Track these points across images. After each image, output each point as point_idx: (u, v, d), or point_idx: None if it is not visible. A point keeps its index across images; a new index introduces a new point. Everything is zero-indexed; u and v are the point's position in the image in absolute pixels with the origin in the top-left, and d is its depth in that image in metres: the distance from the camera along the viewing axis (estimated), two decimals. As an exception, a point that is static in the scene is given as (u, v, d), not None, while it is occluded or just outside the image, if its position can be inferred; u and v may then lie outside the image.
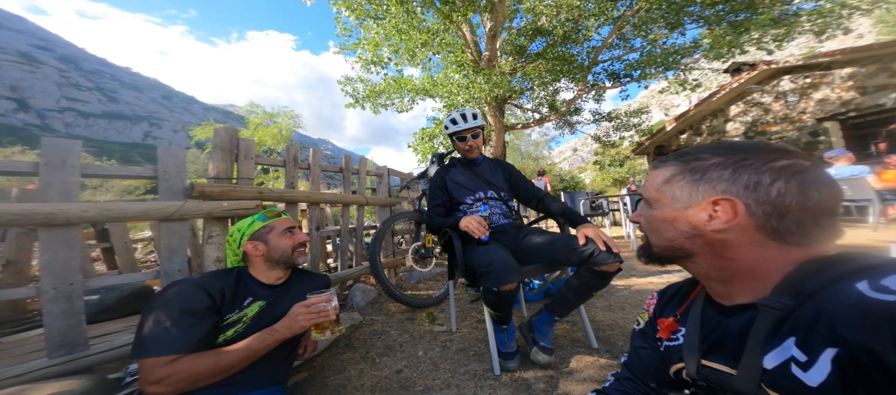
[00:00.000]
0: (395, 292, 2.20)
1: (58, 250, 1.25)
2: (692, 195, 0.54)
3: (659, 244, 0.59)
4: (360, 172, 3.02)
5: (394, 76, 7.45)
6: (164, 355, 0.85)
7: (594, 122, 10.08)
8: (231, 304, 1.03)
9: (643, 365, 0.71)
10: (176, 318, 0.91)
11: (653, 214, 0.59)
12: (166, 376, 0.84)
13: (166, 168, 1.56)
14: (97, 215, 1.35)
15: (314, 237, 2.43)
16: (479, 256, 1.38)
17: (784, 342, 0.44)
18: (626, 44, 7.23)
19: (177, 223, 1.54)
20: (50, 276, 1.23)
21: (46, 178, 1.27)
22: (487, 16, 5.78)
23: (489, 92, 5.64)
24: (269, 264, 1.16)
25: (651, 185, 0.60)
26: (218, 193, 1.65)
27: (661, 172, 0.59)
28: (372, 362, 1.61)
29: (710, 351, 0.55)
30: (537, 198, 1.80)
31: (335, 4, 5.30)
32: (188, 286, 0.99)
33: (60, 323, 1.24)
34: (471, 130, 1.77)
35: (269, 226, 1.16)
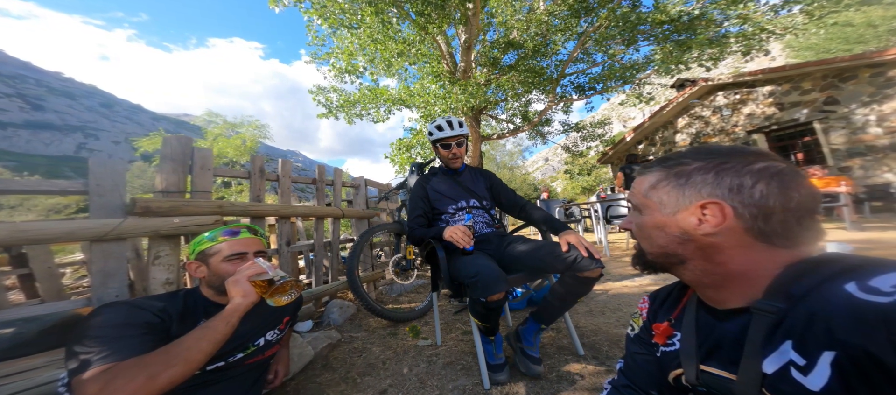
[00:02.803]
0: (376, 307, 2.11)
1: None
2: (679, 200, 0.54)
3: (652, 251, 0.58)
4: (335, 184, 2.90)
5: (369, 86, 7.36)
6: (102, 365, 0.69)
7: (563, 132, 10.56)
8: (181, 328, 0.90)
9: (642, 371, 0.70)
10: (109, 333, 0.75)
11: (643, 220, 0.59)
12: (110, 379, 0.66)
13: (100, 182, 1.35)
14: (8, 238, 1.13)
15: (285, 253, 2.28)
16: (464, 266, 1.35)
17: (781, 346, 0.44)
18: (589, 58, 7.70)
19: (114, 243, 1.34)
20: None
21: None
22: (462, 28, 5.91)
23: (465, 102, 5.72)
24: (214, 290, 1.02)
25: (638, 191, 0.60)
26: (167, 208, 1.47)
27: (647, 178, 0.59)
28: (353, 383, 1.51)
29: (707, 356, 0.55)
30: (519, 206, 1.81)
31: (306, 12, 5.16)
32: (120, 306, 0.85)
33: None
34: (456, 138, 1.76)
35: (214, 248, 1.01)
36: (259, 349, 1.06)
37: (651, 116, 10.13)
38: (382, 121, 7.91)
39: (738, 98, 8.22)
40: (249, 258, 1.02)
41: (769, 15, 5.91)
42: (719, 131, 8.65)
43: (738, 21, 5.83)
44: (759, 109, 7.83)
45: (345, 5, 5.01)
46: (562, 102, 8.70)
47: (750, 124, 7.99)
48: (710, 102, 8.82)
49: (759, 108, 7.82)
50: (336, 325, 2.22)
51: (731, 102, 8.39)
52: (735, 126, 8.30)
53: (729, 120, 8.43)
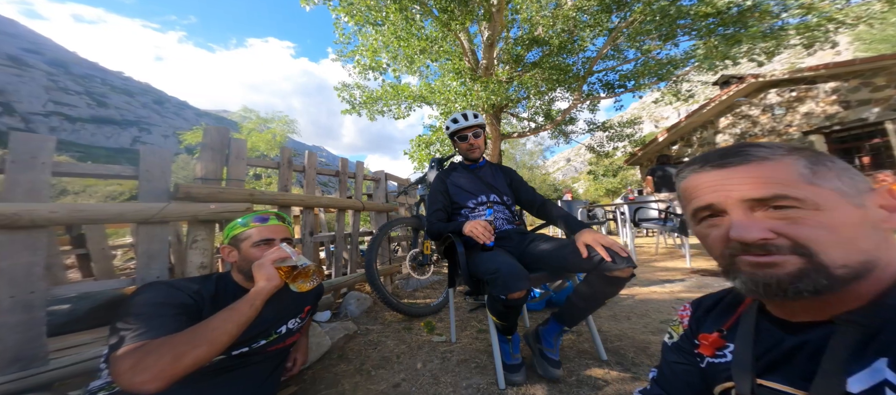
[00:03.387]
0: (392, 301, 2.11)
1: (19, 254, 1.14)
2: (857, 186, 0.42)
3: (848, 263, 0.39)
4: (357, 177, 2.94)
5: (391, 83, 7.44)
6: (137, 342, 0.73)
7: (588, 131, 10.20)
8: (212, 310, 0.92)
9: (679, 382, 0.63)
10: (148, 311, 0.80)
11: (832, 218, 0.40)
12: (140, 358, 0.70)
13: (149, 168, 1.47)
14: (67, 217, 1.24)
15: (307, 243, 2.34)
16: (484, 262, 1.31)
17: (874, 364, 0.37)
18: (620, 55, 7.36)
19: (158, 227, 1.44)
20: (8, 284, 1.12)
21: (13, 176, 1.17)
22: (485, 25, 5.83)
23: (486, 100, 5.65)
24: (242, 274, 1.05)
25: (779, 180, 0.42)
26: (205, 194, 1.56)
27: (783, 165, 0.42)
28: (367, 375, 1.51)
29: (768, 370, 0.48)
30: (538, 203, 1.75)
31: (335, 10, 5.29)
32: (160, 286, 0.90)
33: (16, 336, 1.12)
34: (472, 128, 1.73)
35: (246, 233, 1.05)
36: (281, 336, 1.09)
37: (689, 115, 9.51)
38: (403, 117, 7.98)
39: (795, 96, 7.51)
40: (276, 244, 1.04)
41: (839, 3, 5.29)
42: (769, 132, 7.94)
43: (801, 11, 5.26)
44: (819, 108, 7.14)
45: (370, 2, 5.09)
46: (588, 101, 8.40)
47: (807, 124, 7.30)
48: (760, 100, 8.10)
49: (820, 106, 7.12)
50: (353, 316, 2.25)
51: (785, 99, 7.68)
52: (789, 126, 7.61)
53: (782, 120, 7.73)
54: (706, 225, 0.48)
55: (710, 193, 0.46)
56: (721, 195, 0.44)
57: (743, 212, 0.43)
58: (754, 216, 0.42)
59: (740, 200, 0.43)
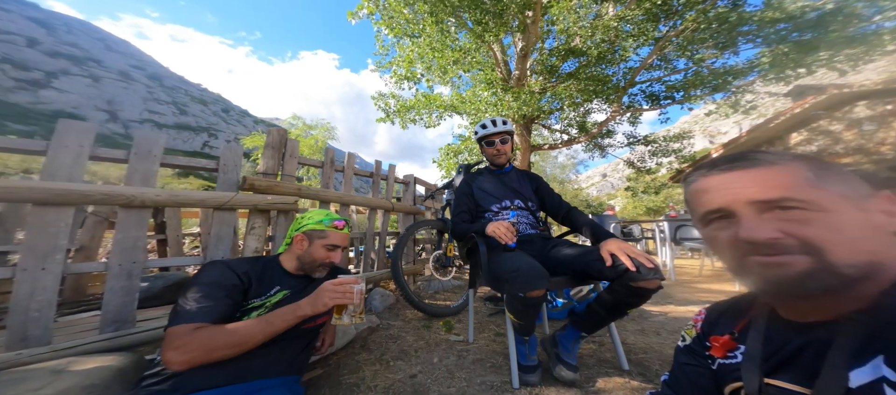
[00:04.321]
0: (414, 299, 2.18)
1: (130, 229, 1.38)
2: (858, 190, 0.43)
3: (855, 262, 0.40)
4: (389, 179, 3.08)
5: (424, 92, 7.70)
6: (189, 323, 0.88)
7: (628, 145, 9.67)
8: (258, 290, 1.06)
9: (689, 383, 0.64)
10: (204, 291, 0.95)
11: (837, 218, 0.41)
12: (183, 343, 0.84)
13: (226, 162, 1.71)
14: (167, 200, 1.49)
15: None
16: (505, 261, 1.33)
17: (872, 361, 0.38)
18: (668, 65, 6.98)
19: (228, 213, 1.66)
20: (119, 253, 1.35)
21: (134, 165, 1.43)
22: (519, 36, 5.87)
23: (517, 110, 5.64)
24: (299, 262, 1.18)
25: (785, 185, 0.43)
26: (265, 186, 1.77)
27: (788, 170, 0.44)
28: (386, 364, 1.57)
29: (775, 370, 0.49)
30: (564, 210, 1.73)
31: (376, 24, 5.65)
32: (219, 265, 1.04)
33: (118, 300, 1.33)
34: (499, 134, 1.77)
35: (325, 232, 1.18)
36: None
37: (751, 129, 8.36)
38: (434, 126, 8.18)
39: (890, 110, 6.33)
40: (339, 252, 1.19)
41: None
42: (856, 150, 6.74)
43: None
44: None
45: (408, 16, 5.37)
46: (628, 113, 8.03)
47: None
48: (845, 114, 6.91)
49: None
50: (376, 311, 2.34)
51: (878, 114, 6.48)
52: (881, 144, 6.42)
53: (872, 137, 6.55)
54: (715, 228, 0.49)
55: (719, 196, 0.47)
56: (730, 197, 0.45)
57: (752, 214, 0.44)
58: (763, 218, 0.43)
59: (749, 201, 0.44)
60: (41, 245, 1.20)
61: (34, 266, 1.18)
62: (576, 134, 9.07)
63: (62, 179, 1.25)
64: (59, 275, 1.24)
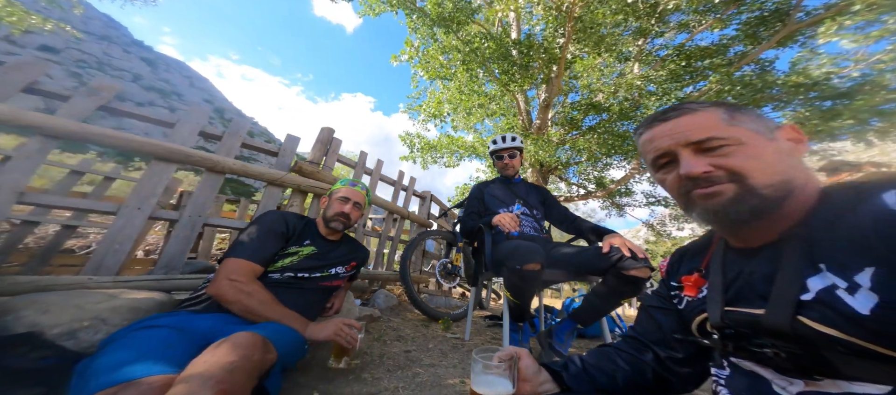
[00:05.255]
0: (417, 298, 2.24)
1: (206, 190, 1.65)
2: (767, 125, 0.51)
3: (771, 182, 0.47)
4: (408, 190, 3.29)
5: (447, 134, 8.16)
6: (244, 258, 1.08)
7: (647, 205, 9.54)
8: (296, 239, 1.26)
9: (653, 326, 0.68)
10: (260, 234, 1.16)
11: (752, 149, 0.49)
12: (237, 279, 1.02)
13: (285, 148, 2.03)
14: (239, 170, 1.78)
15: (360, 232, 2.65)
16: (506, 245, 1.43)
17: (820, 273, 0.42)
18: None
19: (277, 189, 1.94)
20: (191, 206, 1.59)
21: (226, 140, 1.76)
22: (543, 87, 6.33)
23: (534, 154, 5.87)
24: (323, 219, 1.37)
25: (713, 125, 0.51)
26: (309, 171, 2.07)
27: (708, 114, 0.52)
28: (384, 342, 1.63)
29: (735, 299, 0.53)
30: (570, 219, 1.83)
31: (414, 67, 6.31)
32: (277, 214, 1.27)
33: (176, 247, 1.53)
34: (508, 149, 1.95)
35: (339, 190, 1.40)
36: (331, 276, 1.34)
37: None
38: (454, 167, 8.53)
39: None
40: (351, 204, 1.37)
41: None
42: None
43: None
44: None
45: (444, 62, 5.98)
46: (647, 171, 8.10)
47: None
48: None
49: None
50: (379, 308, 2.39)
51: None
52: None
53: None
54: (664, 172, 0.57)
55: (663, 142, 0.55)
56: (671, 142, 0.53)
57: (689, 154, 0.52)
58: (697, 157, 0.51)
59: (685, 143, 0.52)
60: (145, 190, 1.46)
61: (134, 205, 1.42)
62: (593, 189, 9.11)
63: (177, 142, 1.56)
64: (147, 216, 1.46)
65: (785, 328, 0.43)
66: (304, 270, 1.23)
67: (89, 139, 1.33)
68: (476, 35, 5.70)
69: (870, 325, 0.37)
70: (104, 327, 0.96)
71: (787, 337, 0.44)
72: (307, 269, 1.24)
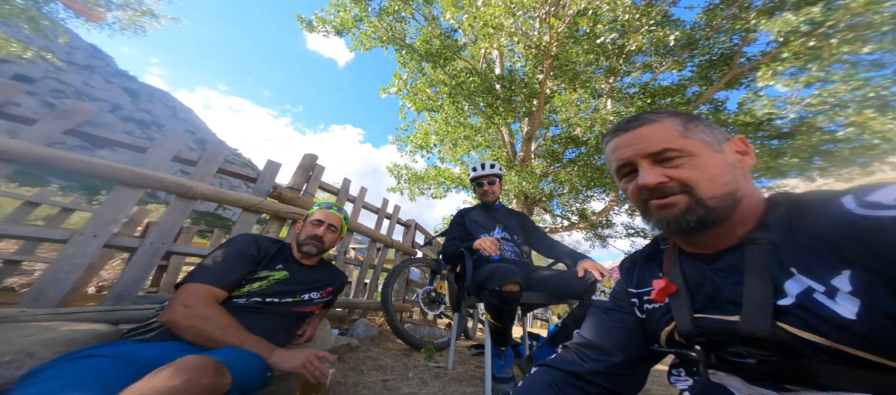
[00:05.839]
0: (398, 327, 2.17)
1: (175, 215, 1.57)
2: (716, 136, 0.53)
3: (715, 194, 0.49)
4: (392, 218, 3.28)
5: (434, 165, 8.32)
6: (204, 283, 1.01)
7: (627, 236, 9.83)
8: (268, 263, 1.21)
9: (612, 334, 0.65)
10: (227, 258, 1.11)
11: (701, 161, 0.51)
12: (193, 305, 0.94)
13: (265, 174, 1.99)
14: (212, 195, 1.71)
15: (340, 261, 2.59)
16: (486, 268, 1.45)
17: (795, 276, 0.42)
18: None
19: (253, 215, 1.87)
20: (157, 232, 1.50)
21: (200, 166, 1.71)
22: (526, 120, 6.64)
23: (518, 185, 6.05)
24: (296, 243, 1.33)
25: (668, 136, 0.53)
26: (289, 197, 2.02)
27: (662, 124, 0.54)
28: (360, 372, 1.55)
29: (704, 306, 0.52)
30: (548, 244, 1.87)
31: (402, 99, 6.55)
32: (250, 237, 1.23)
33: (133, 274, 1.41)
34: (487, 176, 2.01)
35: (314, 213, 1.37)
36: (304, 301, 1.28)
37: None
38: (441, 198, 8.61)
39: None
40: (324, 227, 1.33)
41: None
42: None
43: (853, 130, 4.65)
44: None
45: (431, 94, 6.25)
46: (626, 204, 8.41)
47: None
48: None
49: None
50: (359, 338, 2.29)
51: None
52: None
53: None
54: (626, 181, 0.59)
55: (625, 152, 0.56)
56: (631, 153, 0.55)
57: (647, 165, 0.53)
58: (654, 167, 0.53)
59: (643, 155, 0.54)
60: (106, 217, 1.37)
61: (89, 233, 1.31)
62: (576, 220, 9.34)
63: (149, 167, 1.50)
64: (102, 243, 1.35)
65: (765, 335, 0.42)
66: (273, 294, 1.17)
67: (48, 164, 1.24)
68: (462, 70, 6.04)
69: (856, 330, 0.36)
70: (29, 362, 0.83)
71: (766, 344, 0.42)
72: (277, 293, 1.18)
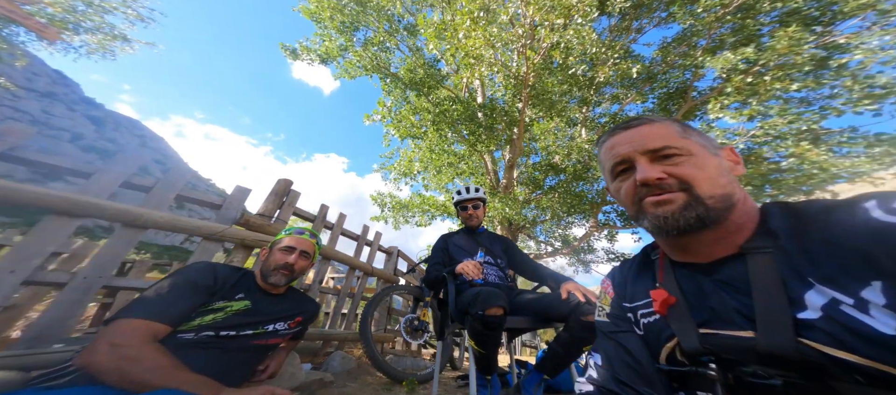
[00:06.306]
0: (378, 358, 2.02)
1: (118, 248, 1.37)
2: (710, 143, 0.54)
3: (714, 194, 0.48)
4: (372, 245, 3.17)
5: (418, 193, 8.31)
6: (140, 317, 0.85)
7: (608, 261, 10.01)
8: (226, 293, 1.08)
9: (632, 359, 0.57)
10: (173, 288, 0.96)
11: (701, 160, 0.51)
12: (121, 344, 0.78)
13: (231, 199, 1.84)
14: (166, 224, 1.51)
15: (314, 291, 2.43)
16: (469, 293, 1.39)
17: (816, 287, 0.38)
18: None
19: (213, 243, 1.69)
20: (92, 266, 1.31)
21: (156, 192, 1.53)
22: (507, 148, 6.83)
23: (501, 211, 6.10)
24: (261, 272, 1.21)
25: (667, 135, 0.53)
26: (258, 225, 1.88)
27: (661, 126, 0.55)
28: (334, 411, 1.40)
29: (710, 321, 0.47)
30: (531, 267, 1.85)
31: (386, 126, 6.61)
32: (207, 266, 1.09)
33: (54, 313, 1.22)
34: (472, 200, 1.99)
35: (282, 239, 1.25)
36: (267, 333, 1.15)
37: None
38: (426, 226, 8.51)
39: None
40: (296, 254, 1.22)
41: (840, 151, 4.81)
42: None
43: (794, 160, 4.97)
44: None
45: (415, 122, 6.35)
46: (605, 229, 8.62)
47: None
48: None
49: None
50: (334, 372, 2.11)
51: None
52: None
53: None
54: (621, 180, 0.58)
55: (623, 149, 0.56)
56: (630, 149, 0.55)
57: (646, 161, 0.53)
58: (652, 164, 0.53)
59: (643, 150, 0.54)
60: (29, 250, 1.19)
61: (5, 268, 1.14)
62: (559, 246, 9.46)
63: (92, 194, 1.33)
64: (21, 280, 1.16)
65: (788, 353, 0.38)
66: (230, 327, 1.03)
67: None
68: (445, 98, 6.22)
69: None
70: None
71: (789, 363, 0.38)
72: (235, 326, 1.05)
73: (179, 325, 0.94)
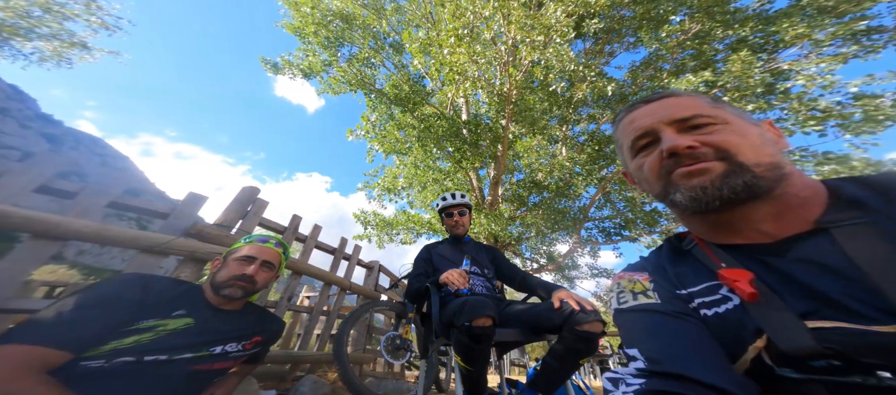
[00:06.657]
0: (355, 382, 1.84)
1: (22, 261, 1.16)
2: (746, 115, 0.49)
3: (761, 162, 0.42)
4: (351, 259, 3.00)
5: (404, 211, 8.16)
6: (26, 343, 0.70)
7: (593, 277, 10.08)
8: (160, 310, 0.92)
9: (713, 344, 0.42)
10: (85, 304, 0.81)
11: (739, 127, 0.45)
12: None
13: (180, 207, 1.63)
14: (90, 234, 1.30)
15: (282, 308, 2.24)
16: (455, 303, 1.28)
17: None
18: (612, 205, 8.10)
19: (153, 257, 1.48)
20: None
21: (81, 199, 1.34)
22: (492, 165, 6.87)
23: (487, 227, 6.06)
24: (211, 285, 1.05)
25: (693, 106, 0.48)
26: (214, 236, 1.68)
27: (691, 97, 0.50)
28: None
29: (816, 310, 0.36)
30: (520, 277, 1.77)
31: (371, 142, 6.52)
32: (135, 278, 0.93)
33: None
34: (457, 207, 1.92)
35: (240, 249, 1.09)
36: (212, 356, 0.98)
37: None
38: (411, 244, 8.32)
39: None
40: (256, 264, 1.07)
41: None
42: None
43: None
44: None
45: (398, 136, 6.31)
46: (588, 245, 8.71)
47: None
48: None
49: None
50: (305, 400, 1.90)
51: None
52: None
53: None
54: (643, 155, 0.51)
55: (644, 121, 0.51)
56: (653, 120, 0.50)
57: (672, 131, 0.48)
58: (681, 134, 0.47)
59: (668, 121, 0.48)
60: None
61: None
62: (545, 263, 9.46)
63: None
64: None
65: None
66: (160, 351, 0.87)
67: None
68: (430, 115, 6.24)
69: None
70: None
71: None
72: (168, 349, 0.88)
73: (84, 350, 0.77)
